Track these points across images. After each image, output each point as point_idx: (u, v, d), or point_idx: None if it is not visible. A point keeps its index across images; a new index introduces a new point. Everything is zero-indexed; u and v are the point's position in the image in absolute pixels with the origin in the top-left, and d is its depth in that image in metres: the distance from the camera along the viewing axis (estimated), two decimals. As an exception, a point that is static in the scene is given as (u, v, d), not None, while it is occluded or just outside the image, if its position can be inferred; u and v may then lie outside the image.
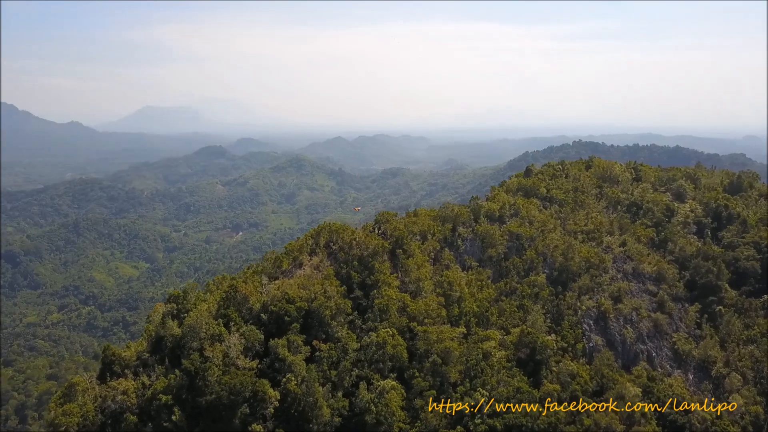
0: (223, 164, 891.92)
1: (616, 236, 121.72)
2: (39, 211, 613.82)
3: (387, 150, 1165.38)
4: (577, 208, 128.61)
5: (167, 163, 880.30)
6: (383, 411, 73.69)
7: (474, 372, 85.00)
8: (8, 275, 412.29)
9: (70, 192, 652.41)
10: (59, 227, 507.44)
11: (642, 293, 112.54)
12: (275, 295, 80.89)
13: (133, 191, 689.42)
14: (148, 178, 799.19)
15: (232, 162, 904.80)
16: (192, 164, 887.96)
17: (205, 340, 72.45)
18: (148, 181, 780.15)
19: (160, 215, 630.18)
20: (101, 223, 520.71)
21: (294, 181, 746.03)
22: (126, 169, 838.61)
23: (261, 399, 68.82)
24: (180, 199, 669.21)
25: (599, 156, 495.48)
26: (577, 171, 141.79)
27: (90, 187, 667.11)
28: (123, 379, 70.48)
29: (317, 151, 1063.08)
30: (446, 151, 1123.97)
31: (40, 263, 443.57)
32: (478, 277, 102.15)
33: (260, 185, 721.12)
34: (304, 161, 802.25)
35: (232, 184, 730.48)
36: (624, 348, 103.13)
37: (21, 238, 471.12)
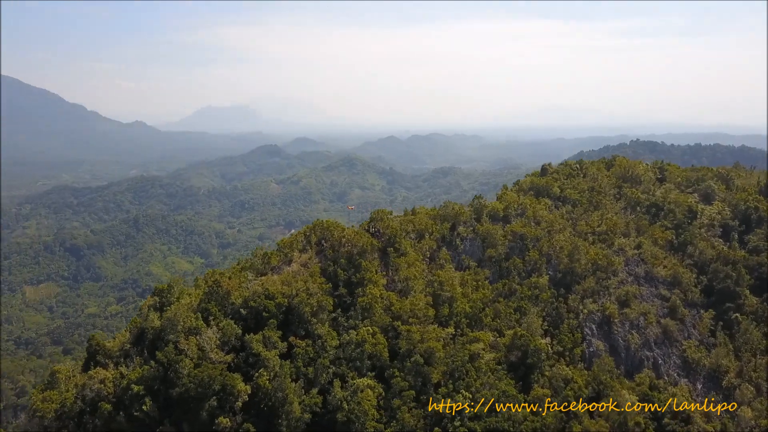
0: (278, 163, 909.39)
1: (631, 238, 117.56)
2: (102, 206, 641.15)
3: (440, 149, 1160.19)
4: (592, 208, 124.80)
5: (224, 161, 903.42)
6: (355, 409, 73.75)
7: (458, 374, 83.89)
8: (72, 268, 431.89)
9: (132, 189, 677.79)
10: (120, 222, 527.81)
11: (653, 298, 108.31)
12: (256, 290, 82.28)
13: (191, 188, 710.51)
14: (206, 176, 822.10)
15: (286, 161, 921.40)
16: (248, 163, 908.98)
17: (181, 333, 74.43)
18: (206, 179, 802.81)
19: (215, 212, 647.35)
20: (159, 219, 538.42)
21: (345, 180, 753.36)
22: (185, 167, 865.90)
23: (230, 393, 70.13)
24: (235, 197, 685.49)
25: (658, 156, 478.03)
26: (596, 170, 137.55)
27: (150, 184, 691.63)
28: (100, 369, 73.44)
29: (370, 150, 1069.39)
30: (500, 150, 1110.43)
31: (102, 257, 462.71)
32: (475, 278, 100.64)
33: (313, 184, 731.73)
34: (355, 160, 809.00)
35: (285, 183, 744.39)
36: (628, 354, 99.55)
37: (85, 233, 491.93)
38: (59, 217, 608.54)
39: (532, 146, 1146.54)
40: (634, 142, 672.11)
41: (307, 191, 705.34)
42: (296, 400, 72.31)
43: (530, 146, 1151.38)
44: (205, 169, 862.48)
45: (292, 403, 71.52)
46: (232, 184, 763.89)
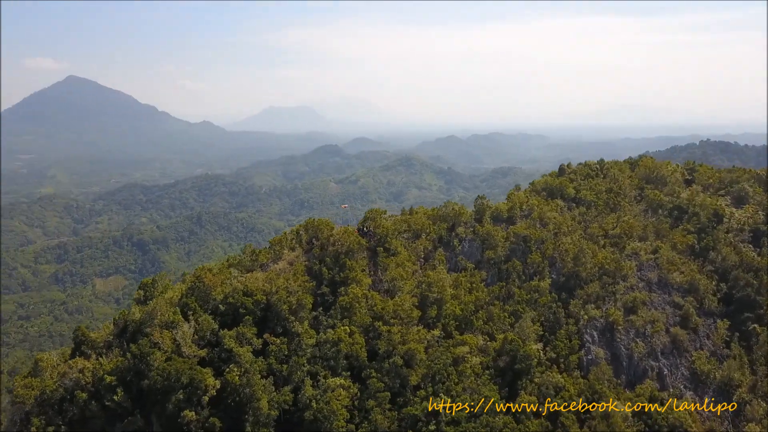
0: (338, 162, 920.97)
1: (647, 242, 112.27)
2: (169, 203, 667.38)
3: (501, 148, 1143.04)
4: (608, 210, 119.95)
5: (286, 160, 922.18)
6: (324, 408, 73.79)
7: (439, 377, 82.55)
8: (138, 262, 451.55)
9: (197, 186, 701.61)
10: (185, 219, 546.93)
11: (665, 305, 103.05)
12: (236, 287, 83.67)
13: (253, 187, 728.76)
14: (268, 175, 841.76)
15: (346, 160, 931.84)
16: (309, 162, 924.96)
17: (156, 327, 76.58)
18: (268, 178, 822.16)
19: (276, 210, 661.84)
20: (222, 216, 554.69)
21: (403, 179, 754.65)
22: (248, 166, 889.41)
23: (197, 387, 71.59)
24: (296, 195, 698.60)
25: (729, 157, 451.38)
26: (618, 171, 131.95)
27: (214, 183, 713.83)
28: (80, 359, 76.62)
29: (429, 150, 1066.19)
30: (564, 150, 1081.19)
31: (166, 252, 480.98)
32: (470, 279, 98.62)
33: (370, 183, 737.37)
34: (413, 160, 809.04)
35: (344, 182, 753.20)
36: (630, 363, 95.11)
37: (151, 228, 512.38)
38: (129, 213, 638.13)
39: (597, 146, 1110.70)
40: (704, 142, 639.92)
41: (364, 191, 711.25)
42: (264, 396, 72.97)
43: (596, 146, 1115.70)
44: (267, 168, 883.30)
45: (260, 399, 72.30)
46: (293, 183, 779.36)
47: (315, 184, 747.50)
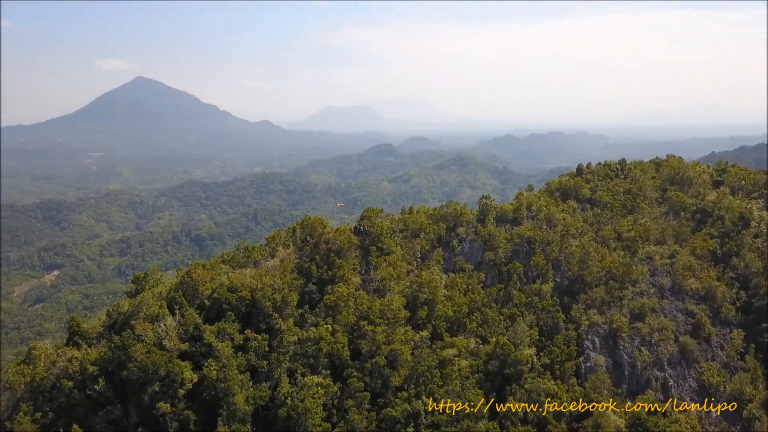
0: (392, 162, 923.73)
1: (665, 246, 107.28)
2: (227, 201, 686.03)
3: (560, 148, 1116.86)
4: (625, 212, 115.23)
5: (341, 159, 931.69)
6: (298, 406, 74.02)
7: (422, 379, 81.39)
8: (196, 257, 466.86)
9: (254, 184, 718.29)
10: (241, 216, 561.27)
11: (676, 312, 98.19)
12: (222, 282, 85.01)
13: (308, 185, 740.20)
14: (323, 174, 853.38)
15: (400, 160, 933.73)
16: (363, 161, 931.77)
17: (140, 320, 78.72)
18: (323, 176, 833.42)
19: (329, 208, 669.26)
20: (277, 213, 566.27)
21: (456, 179, 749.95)
22: (305, 165, 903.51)
23: (173, 380, 73.14)
24: (349, 194, 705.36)
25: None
26: (640, 172, 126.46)
27: (271, 181, 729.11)
28: (68, 348, 79.65)
29: (485, 149, 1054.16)
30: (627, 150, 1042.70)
31: (223, 247, 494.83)
32: (467, 281, 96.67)
33: (423, 183, 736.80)
34: (467, 159, 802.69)
35: (397, 181, 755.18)
36: (633, 372, 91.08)
37: (209, 225, 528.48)
38: (189, 209, 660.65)
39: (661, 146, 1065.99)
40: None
41: (417, 190, 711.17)
42: (240, 392, 73.89)
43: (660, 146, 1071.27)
44: (322, 166, 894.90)
45: (235, 394, 73.24)
46: (347, 182, 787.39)
47: (368, 182, 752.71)
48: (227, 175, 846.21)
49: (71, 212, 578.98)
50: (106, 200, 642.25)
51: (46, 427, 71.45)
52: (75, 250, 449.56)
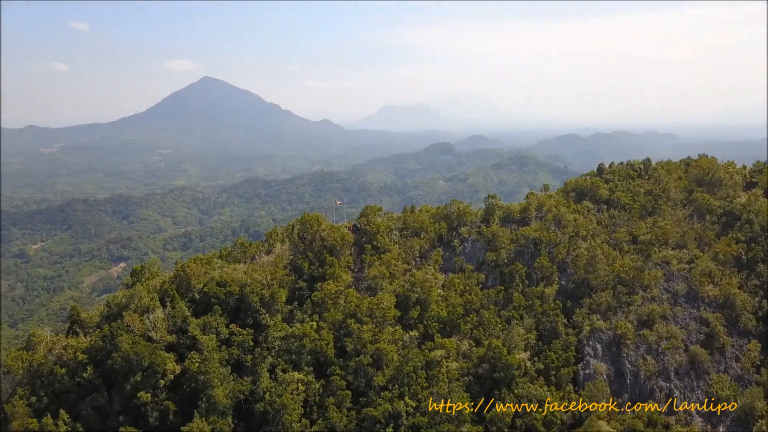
0: (450, 161, 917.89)
1: (685, 250, 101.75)
2: (286, 198, 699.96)
3: (625, 148, 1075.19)
4: (646, 214, 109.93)
5: (398, 158, 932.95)
6: (276, 401, 74.44)
7: (407, 380, 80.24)
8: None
9: (312, 182, 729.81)
10: (299, 213, 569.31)
11: (690, 320, 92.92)
12: (213, 277, 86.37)
13: (365, 184, 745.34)
14: (380, 172, 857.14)
15: (457, 159, 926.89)
16: (421, 160, 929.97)
17: (131, 311, 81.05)
18: (380, 175, 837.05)
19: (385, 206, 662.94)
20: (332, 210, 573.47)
21: (515, 178, 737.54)
22: (362, 164, 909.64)
23: (155, 370, 74.97)
24: (405, 193, 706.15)
25: None
26: (665, 172, 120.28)
27: (329, 179, 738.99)
28: (62, 336, 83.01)
29: (546, 148, 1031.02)
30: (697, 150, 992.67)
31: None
32: (465, 282, 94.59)
33: (480, 182, 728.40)
34: (527, 159, 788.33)
35: (453, 180, 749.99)
36: (636, 382, 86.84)
37: (268, 221, 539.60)
38: (249, 205, 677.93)
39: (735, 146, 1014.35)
40: None
41: (473, 189, 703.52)
42: (219, 385, 74.98)
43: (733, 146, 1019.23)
44: (380, 165, 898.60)
45: (214, 387, 74.43)
46: (403, 181, 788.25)
47: (424, 181, 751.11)
48: (287, 173, 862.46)
49: (138, 207, 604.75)
50: (171, 196, 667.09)
51: (40, 411, 74.76)
52: (140, 244, 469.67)
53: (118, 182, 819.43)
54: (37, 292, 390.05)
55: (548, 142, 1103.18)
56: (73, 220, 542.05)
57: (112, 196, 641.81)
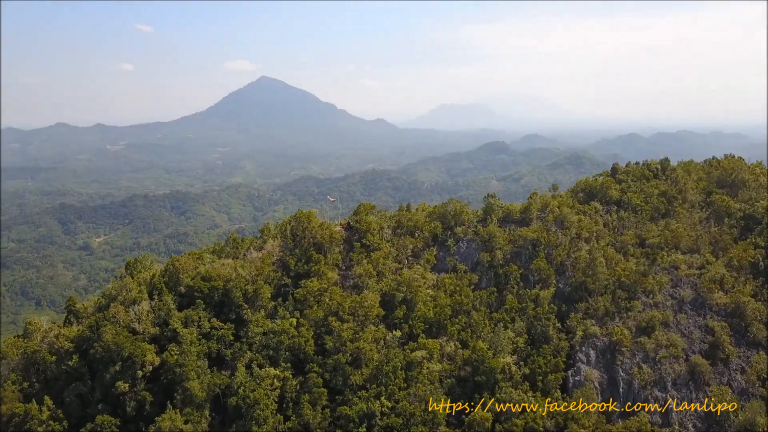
0: (504, 160, 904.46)
1: (697, 255, 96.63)
2: (337, 195, 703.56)
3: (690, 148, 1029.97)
4: (659, 216, 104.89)
5: (451, 157, 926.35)
6: (249, 396, 74.95)
7: (385, 380, 79.26)
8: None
9: (363, 181, 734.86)
10: (348, 211, 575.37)
11: (694, 329, 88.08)
12: (200, 271, 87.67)
13: (415, 183, 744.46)
14: (432, 171, 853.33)
15: (512, 158, 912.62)
16: (474, 159, 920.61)
17: (117, 303, 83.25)
18: (432, 174, 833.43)
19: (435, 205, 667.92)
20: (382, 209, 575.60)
21: (571, 178, 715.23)
22: (414, 162, 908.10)
23: (134, 361, 76.78)
24: (456, 192, 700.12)
25: None
26: (684, 172, 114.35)
27: (380, 177, 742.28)
28: (54, 324, 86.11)
29: (606, 148, 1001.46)
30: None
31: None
32: (456, 282, 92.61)
33: (534, 182, 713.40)
34: (584, 159, 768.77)
35: (506, 180, 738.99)
36: (629, 391, 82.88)
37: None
38: (302, 203, 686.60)
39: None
40: None
41: (527, 189, 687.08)
42: (195, 378, 76.13)
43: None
44: (432, 164, 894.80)
45: (190, 379, 75.63)
46: (455, 180, 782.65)
47: (476, 181, 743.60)
48: (341, 172, 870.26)
49: (195, 203, 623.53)
50: (227, 193, 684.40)
51: (31, 396, 77.86)
52: (196, 239, 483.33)
53: (177, 179, 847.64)
54: (98, 283, 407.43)
55: (607, 142, 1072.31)
56: (134, 215, 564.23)
57: (171, 192, 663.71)
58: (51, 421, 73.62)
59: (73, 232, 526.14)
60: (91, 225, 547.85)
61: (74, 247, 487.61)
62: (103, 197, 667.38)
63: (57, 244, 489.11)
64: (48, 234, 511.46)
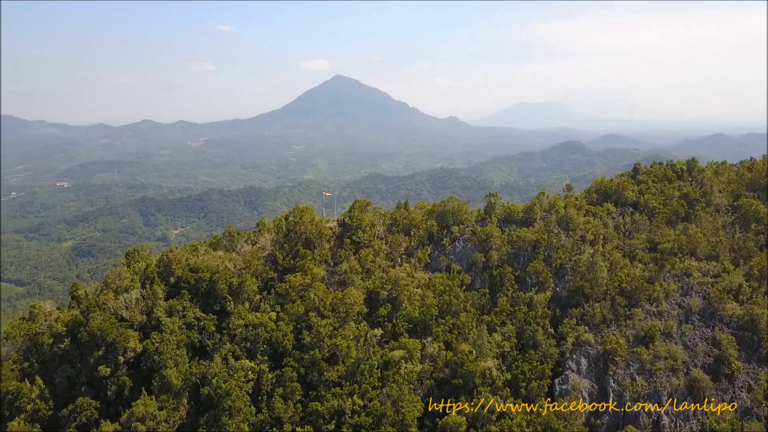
0: (578, 160, 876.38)
1: (713, 262, 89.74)
2: (405, 194, 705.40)
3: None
4: (678, 220, 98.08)
5: (524, 156, 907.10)
6: (221, 386, 75.82)
7: (360, 377, 78.18)
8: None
9: (432, 179, 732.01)
10: None
11: (699, 340, 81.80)
12: (189, 263, 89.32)
13: (485, 182, 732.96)
14: (503, 171, 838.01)
15: (587, 158, 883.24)
16: (547, 159, 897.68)
17: (109, 290, 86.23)
18: (503, 174, 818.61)
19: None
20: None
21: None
22: (486, 161, 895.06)
23: (116, 347, 79.32)
24: (526, 192, 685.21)
25: None
26: (712, 174, 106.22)
27: (448, 176, 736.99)
28: (55, 309, 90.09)
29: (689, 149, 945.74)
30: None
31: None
32: (446, 282, 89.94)
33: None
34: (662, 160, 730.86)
35: (580, 181, 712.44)
36: (620, 403, 77.86)
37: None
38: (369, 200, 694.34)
39: None
40: None
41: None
42: (173, 366, 77.84)
43: None
44: (503, 163, 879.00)
45: (168, 368, 77.41)
46: (526, 180, 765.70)
47: (549, 181, 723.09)
48: (410, 170, 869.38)
49: (268, 198, 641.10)
50: (298, 189, 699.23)
51: (29, 375, 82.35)
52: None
53: (253, 174, 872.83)
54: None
55: (692, 143, 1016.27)
56: (209, 209, 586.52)
57: (245, 188, 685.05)
58: (39, 400, 77.35)
59: (152, 224, 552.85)
60: (170, 217, 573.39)
61: (153, 238, 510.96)
62: (181, 191, 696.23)
63: (138, 234, 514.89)
64: (130, 225, 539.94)
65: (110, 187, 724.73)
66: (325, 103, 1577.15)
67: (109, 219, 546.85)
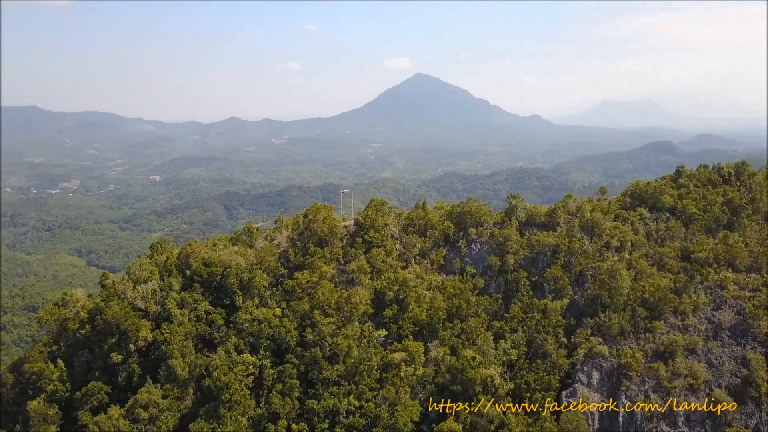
0: (668, 161, 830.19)
1: (754, 275, 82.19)
2: (482, 193, 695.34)
3: None
4: (718, 227, 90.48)
5: (609, 156, 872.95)
6: (221, 379, 77.07)
7: (358, 378, 77.26)
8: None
9: (510, 179, 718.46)
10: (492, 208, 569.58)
11: (726, 359, 74.99)
12: (204, 257, 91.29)
13: (566, 183, 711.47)
14: (587, 171, 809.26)
15: (678, 159, 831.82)
16: (634, 160, 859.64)
17: (128, 281, 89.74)
18: (586, 174, 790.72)
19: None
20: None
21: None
22: (568, 161, 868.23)
23: (128, 336, 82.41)
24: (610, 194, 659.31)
25: None
26: (764, 178, 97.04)
27: (527, 176, 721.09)
28: (83, 296, 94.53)
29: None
30: None
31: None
32: (458, 285, 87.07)
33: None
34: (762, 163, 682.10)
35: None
36: (630, 422, 72.82)
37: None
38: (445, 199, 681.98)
39: None
40: None
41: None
42: (179, 356, 80.00)
43: None
44: (587, 163, 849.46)
45: (174, 358, 79.68)
46: (610, 181, 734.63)
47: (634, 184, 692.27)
48: (488, 169, 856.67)
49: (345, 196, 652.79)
50: (374, 186, 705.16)
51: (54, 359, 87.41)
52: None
53: (332, 172, 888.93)
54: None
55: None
56: (289, 204, 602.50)
57: (324, 185, 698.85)
58: (57, 382, 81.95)
59: (235, 218, 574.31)
60: (252, 212, 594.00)
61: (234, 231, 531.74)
62: (264, 186, 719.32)
63: (220, 227, 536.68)
64: (214, 218, 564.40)
65: (198, 182, 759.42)
66: (405, 102, 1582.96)
67: (195, 212, 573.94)
